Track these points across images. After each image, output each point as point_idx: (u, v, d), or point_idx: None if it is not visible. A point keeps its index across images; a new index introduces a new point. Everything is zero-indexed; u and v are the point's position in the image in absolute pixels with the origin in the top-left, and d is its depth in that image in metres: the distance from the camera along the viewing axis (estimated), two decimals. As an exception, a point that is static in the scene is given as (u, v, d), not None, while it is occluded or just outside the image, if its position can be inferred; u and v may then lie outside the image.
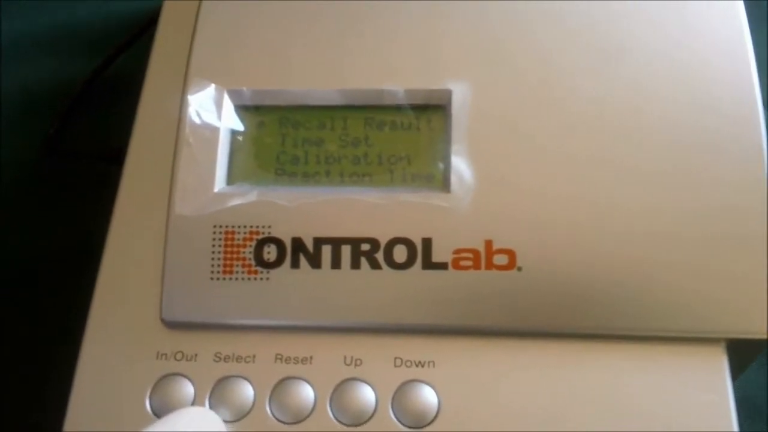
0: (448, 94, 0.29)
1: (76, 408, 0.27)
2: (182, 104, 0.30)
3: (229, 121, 0.30)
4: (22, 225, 0.41)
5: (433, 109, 0.29)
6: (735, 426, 0.26)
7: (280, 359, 0.27)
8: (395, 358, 0.27)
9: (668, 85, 0.29)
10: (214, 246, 0.28)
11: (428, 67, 0.30)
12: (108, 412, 0.27)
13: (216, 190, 0.29)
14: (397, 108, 0.30)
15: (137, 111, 0.31)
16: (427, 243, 0.27)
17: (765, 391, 0.36)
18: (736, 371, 0.27)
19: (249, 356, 0.27)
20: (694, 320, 0.27)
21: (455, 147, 0.28)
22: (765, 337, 0.26)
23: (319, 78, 0.30)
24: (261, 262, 0.28)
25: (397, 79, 0.29)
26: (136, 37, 0.44)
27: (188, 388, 0.27)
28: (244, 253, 0.28)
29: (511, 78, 0.29)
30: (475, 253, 0.27)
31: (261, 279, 0.28)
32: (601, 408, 0.26)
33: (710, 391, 0.26)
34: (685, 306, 0.27)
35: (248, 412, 0.27)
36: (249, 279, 0.28)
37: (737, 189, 0.27)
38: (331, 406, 0.27)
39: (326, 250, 0.28)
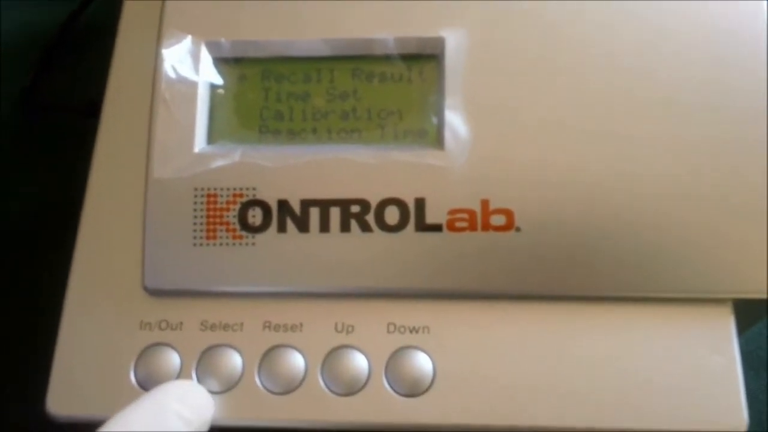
0: (441, 42, 0.27)
1: (57, 382, 0.26)
2: (157, 58, 0.28)
3: (208, 75, 0.28)
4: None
5: (425, 59, 0.28)
6: (741, 385, 0.25)
7: (269, 327, 0.26)
8: (388, 324, 0.26)
9: (677, 40, 0.27)
10: (195, 210, 0.27)
11: (420, 14, 0.28)
12: (91, 385, 0.26)
13: (196, 150, 0.27)
14: (387, 58, 0.28)
15: (110, 66, 0.30)
16: (420, 203, 0.26)
17: (763, 341, 0.35)
18: (742, 330, 0.26)
19: (236, 324, 0.27)
20: (701, 280, 0.26)
21: (449, 100, 0.27)
22: (770, 296, 0.25)
23: (303, 27, 0.28)
24: (246, 227, 0.27)
25: (387, 28, 0.28)
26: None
27: (174, 359, 0.26)
28: (227, 217, 0.27)
29: (509, 24, 0.27)
30: (471, 213, 0.26)
31: (246, 244, 0.27)
32: (605, 372, 0.25)
33: (717, 350, 0.26)
34: (691, 266, 0.26)
35: (237, 383, 0.26)
36: (233, 244, 0.27)
37: (742, 151, 0.26)
38: (322, 374, 0.26)
39: (314, 213, 0.26)
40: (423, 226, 0.26)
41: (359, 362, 0.26)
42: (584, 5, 0.27)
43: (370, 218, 0.26)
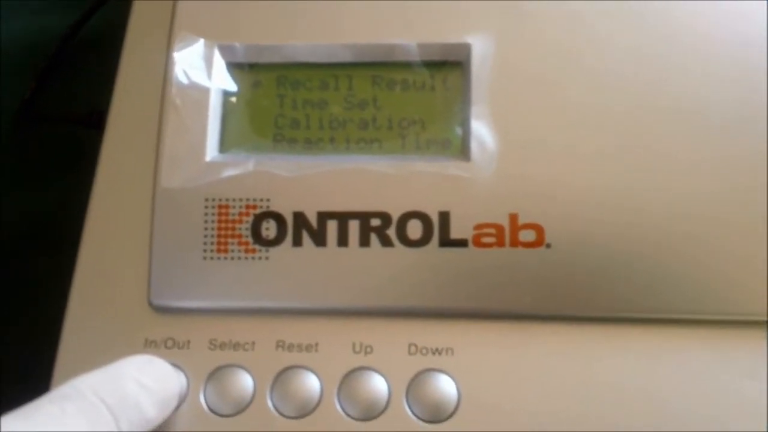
0: (466, 48, 0.26)
1: (56, 403, 0.24)
2: (167, 62, 0.27)
3: (221, 80, 0.27)
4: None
5: (450, 67, 0.27)
6: None
7: (282, 346, 0.25)
8: (410, 345, 0.25)
9: (699, 60, 0.26)
10: (206, 222, 0.26)
11: (445, 19, 0.27)
12: (92, 407, 0.24)
13: (207, 159, 0.26)
14: (410, 65, 0.27)
15: (118, 71, 0.29)
16: (444, 217, 0.25)
17: None
18: None
19: (247, 343, 0.25)
20: (735, 302, 0.25)
21: (475, 109, 0.26)
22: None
23: (321, 31, 0.27)
24: (259, 240, 0.25)
25: (410, 33, 0.27)
26: (116, -12, 0.41)
27: (180, 380, 0.25)
28: (240, 229, 0.26)
29: (537, 31, 0.27)
30: (499, 228, 0.25)
31: (259, 258, 0.25)
32: (635, 397, 0.24)
33: (750, 375, 0.24)
34: (726, 287, 0.25)
35: (247, 406, 0.25)
36: (246, 258, 0.25)
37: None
38: (339, 398, 0.24)
39: (332, 226, 0.25)
40: (447, 242, 0.25)
41: (378, 385, 0.24)
42: (618, 9, 0.27)
43: (391, 232, 0.25)
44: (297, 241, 0.25)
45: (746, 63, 0.26)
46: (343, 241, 0.25)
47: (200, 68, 0.27)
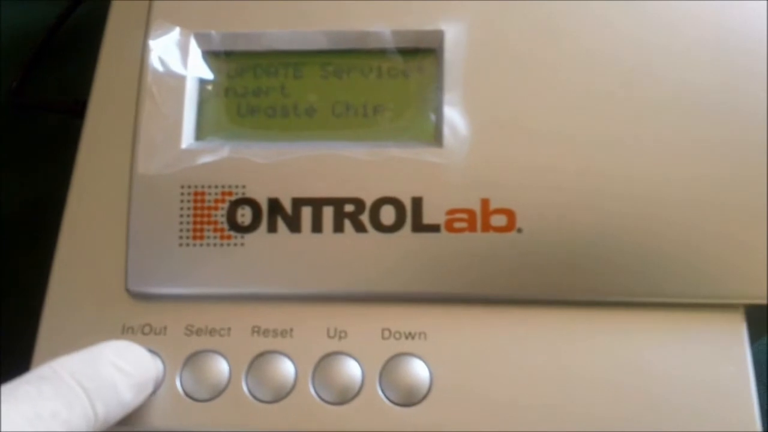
0: (440, 35, 0.27)
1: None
2: (144, 51, 0.27)
3: (197, 68, 0.27)
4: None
5: (423, 54, 0.27)
6: (754, 392, 0.24)
7: (258, 332, 0.25)
8: (383, 330, 0.25)
9: (680, 40, 0.26)
10: (182, 208, 0.26)
11: (418, 6, 0.27)
12: (69, 391, 0.25)
13: (183, 146, 0.26)
14: (384, 52, 0.27)
15: (98, 61, 0.29)
16: (417, 203, 0.25)
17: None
18: (756, 337, 0.26)
19: (223, 329, 0.26)
20: (711, 285, 0.25)
21: (448, 96, 0.26)
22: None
23: (296, 19, 0.27)
24: (234, 226, 0.26)
25: (384, 20, 0.27)
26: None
27: (157, 365, 0.25)
28: (215, 216, 0.26)
29: (511, 17, 0.27)
30: (471, 213, 0.25)
31: (235, 244, 0.26)
32: (608, 380, 0.24)
33: (729, 358, 0.25)
34: (702, 270, 0.25)
35: (223, 390, 0.25)
36: (221, 245, 0.26)
37: (755, 152, 0.25)
38: (313, 382, 0.25)
39: (306, 212, 0.25)
40: (420, 227, 0.25)
41: (352, 369, 0.25)
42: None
43: (365, 218, 0.25)
44: (272, 228, 0.25)
45: (728, 45, 0.26)
46: (317, 227, 0.25)
47: (176, 56, 0.27)
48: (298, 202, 0.25)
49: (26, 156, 0.40)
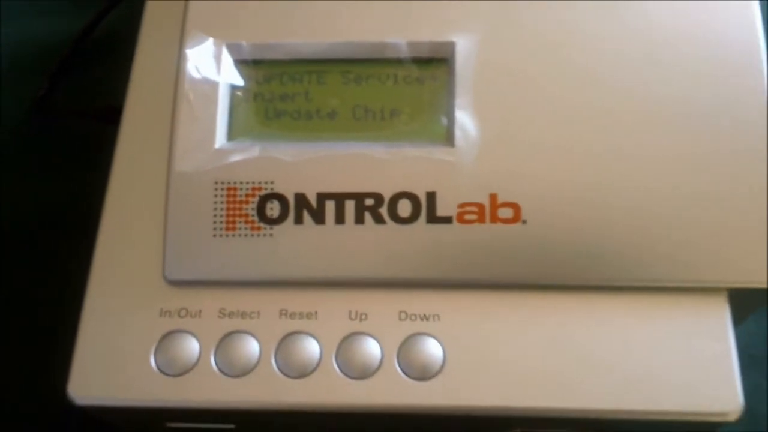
0: (451, 46, 0.29)
1: (79, 368, 0.27)
2: (180, 59, 0.29)
3: (229, 76, 0.29)
4: (14, 187, 0.40)
5: (436, 63, 0.29)
6: (737, 375, 0.26)
7: (285, 314, 0.27)
8: (400, 312, 0.27)
9: (678, 42, 0.28)
10: (216, 203, 0.28)
11: (432, 20, 0.29)
12: (112, 371, 0.27)
13: (217, 146, 0.28)
14: (400, 61, 0.29)
15: (133, 67, 0.31)
16: (431, 197, 0.27)
17: (763, 340, 0.36)
18: (737, 321, 0.27)
19: (254, 312, 0.27)
20: (697, 270, 0.27)
21: (459, 101, 0.28)
22: (765, 286, 0.27)
23: (320, 30, 0.29)
24: (264, 219, 0.27)
25: (400, 32, 0.29)
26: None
27: (193, 345, 0.27)
28: (246, 209, 0.28)
29: (517, 30, 0.29)
30: (480, 206, 0.27)
31: (264, 235, 0.27)
32: (605, 357, 0.26)
33: (713, 340, 0.26)
34: (688, 256, 0.27)
35: (254, 368, 0.27)
36: (252, 235, 0.27)
37: (739, 139, 0.27)
38: (336, 360, 0.27)
39: (330, 206, 0.27)
40: (434, 219, 0.27)
41: (372, 348, 0.27)
42: (596, 10, 0.29)
43: (384, 211, 0.27)
44: (298, 220, 0.27)
45: (719, 50, 0.28)
46: (340, 219, 0.27)
47: (210, 65, 0.29)
48: (322, 197, 0.27)
49: (55, 162, 0.41)
